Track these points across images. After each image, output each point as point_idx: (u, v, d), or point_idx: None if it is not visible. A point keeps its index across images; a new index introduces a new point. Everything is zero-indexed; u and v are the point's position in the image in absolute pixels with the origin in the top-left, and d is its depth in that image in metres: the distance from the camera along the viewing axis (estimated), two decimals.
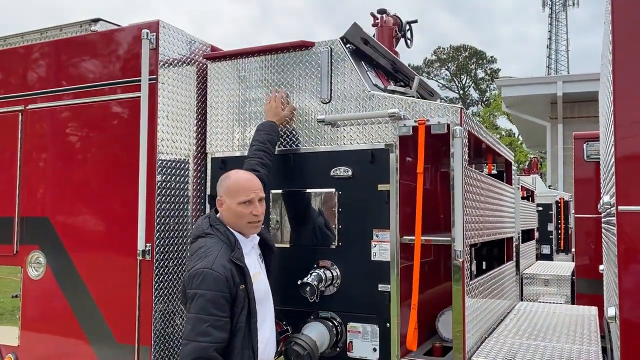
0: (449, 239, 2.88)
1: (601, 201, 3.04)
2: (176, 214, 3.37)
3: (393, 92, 3.40)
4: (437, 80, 56.47)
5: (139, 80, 3.27)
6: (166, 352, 3.27)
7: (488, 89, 55.29)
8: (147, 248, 3.17)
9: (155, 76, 3.29)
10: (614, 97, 2.24)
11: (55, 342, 3.46)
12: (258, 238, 2.77)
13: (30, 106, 3.68)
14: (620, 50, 2.23)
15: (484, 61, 56.17)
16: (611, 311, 2.37)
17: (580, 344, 3.07)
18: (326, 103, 3.25)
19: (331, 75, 3.24)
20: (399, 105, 3.05)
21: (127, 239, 3.24)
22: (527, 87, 18.63)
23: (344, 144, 3.18)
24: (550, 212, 11.86)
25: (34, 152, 3.65)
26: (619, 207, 2.20)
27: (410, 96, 3.38)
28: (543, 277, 7.31)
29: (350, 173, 3.12)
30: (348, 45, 3.34)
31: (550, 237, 11.79)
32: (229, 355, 2.42)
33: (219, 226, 2.60)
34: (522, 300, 6.89)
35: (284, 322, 3.15)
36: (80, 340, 3.35)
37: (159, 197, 3.26)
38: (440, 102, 5.11)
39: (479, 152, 4.39)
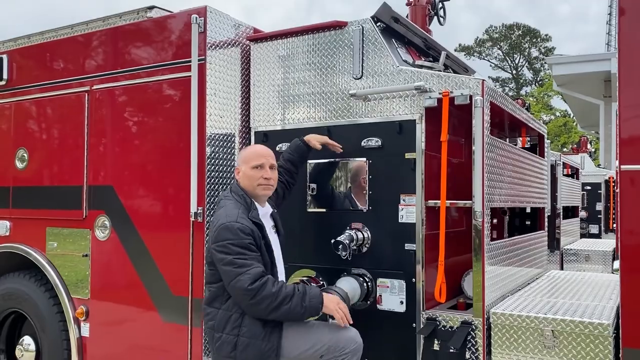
0: (471, 202, 3.12)
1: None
2: (223, 181, 3.74)
3: (421, 66, 3.62)
4: (488, 60, 55.14)
5: (189, 62, 3.63)
6: None
7: (542, 68, 53.45)
8: (198, 211, 3.55)
9: (203, 57, 3.64)
10: (619, 81, 2.41)
11: (120, 295, 3.94)
12: (271, 210, 3.18)
13: (95, 87, 4.12)
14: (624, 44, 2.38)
15: (538, 40, 54.29)
16: (616, 264, 2.57)
17: (598, 302, 3.24)
18: (358, 79, 3.51)
19: (362, 53, 3.50)
20: (425, 78, 3.29)
21: (181, 203, 3.64)
22: (579, 64, 17.97)
23: (374, 116, 3.44)
24: (599, 192, 11.70)
25: (99, 128, 4.10)
26: (621, 166, 2.39)
27: (437, 70, 3.59)
28: (584, 252, 7.31)
29: (380, 143, 3.39)
30: (379, 24, 3.57)
31: (599, 216, 11.63)
32: None
33: (237, 191, 3.03)
34: None
35: (320, 278, 3.48)
36: (141, 292, 3.79)
37: (209, 166, 3.63)
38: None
39: (511, 125, 4.55)
